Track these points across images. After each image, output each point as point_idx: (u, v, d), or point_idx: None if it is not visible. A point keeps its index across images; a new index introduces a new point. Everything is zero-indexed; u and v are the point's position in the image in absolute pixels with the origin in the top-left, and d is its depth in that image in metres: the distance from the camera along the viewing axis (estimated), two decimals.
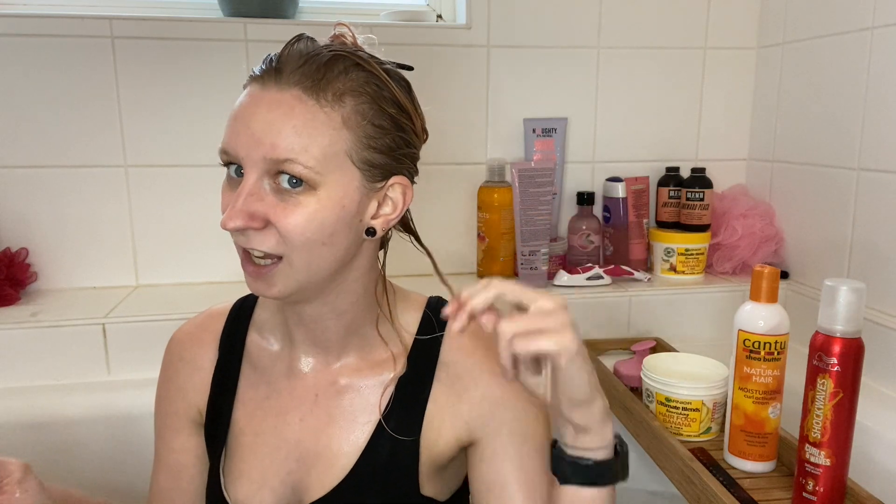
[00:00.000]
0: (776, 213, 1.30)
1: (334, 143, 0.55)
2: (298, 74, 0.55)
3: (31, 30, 1.12)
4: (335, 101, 0.56)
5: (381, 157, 0.58)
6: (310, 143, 0.54)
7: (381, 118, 0.58)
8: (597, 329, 1.19)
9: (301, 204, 0.55)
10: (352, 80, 0.57)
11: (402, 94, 0.60)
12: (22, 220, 1.17)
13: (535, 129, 1.29)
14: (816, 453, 0.69)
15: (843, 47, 1.11)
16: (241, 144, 0.55)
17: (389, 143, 0.59)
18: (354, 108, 0.56)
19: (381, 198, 0.60)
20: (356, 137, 0.56)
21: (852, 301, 0.66)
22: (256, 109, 0.55)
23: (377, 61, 0.60)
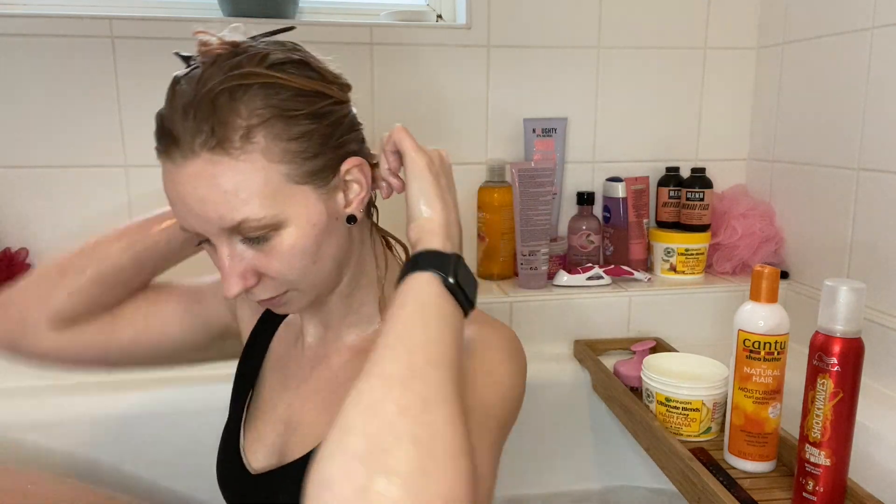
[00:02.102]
0: (776, 213, 1.30)
1: (269, 181, 0.54)
2: (195, 137, 0.52)
3: (31, 30, 1.12)
4: (245, 143, 0.53)
5: (319, 160, 0.56)
6: (247, 197, 0.53)
7: (296, 126, 0.55)
8: (597, 329, 1.19)
9: (276, 246, 0.56)
10: (247, 109, 0.53)
11: (301, 79, 0.56)
12: (22, 220, 1.17)
13: (535, 129, 1.29)
14: (816, 453, 0.69)
15: (843, 47, 1.11)
16: (194, 225, 0.56)
17: (319, 140, 0.56)
18: (267, 136, 0.53)
19: (343, 187, 0.59)
20: (285, 162, 0.54)
21: (852, 301, 0.66)
22: (183, 189, 0.54)
23: (257, 56, 0.55)
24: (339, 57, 1.30)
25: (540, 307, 1.17)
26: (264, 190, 0.54)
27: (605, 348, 1.16)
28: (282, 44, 0.59)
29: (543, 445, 1.14)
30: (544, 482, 1.15)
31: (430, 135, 1.27)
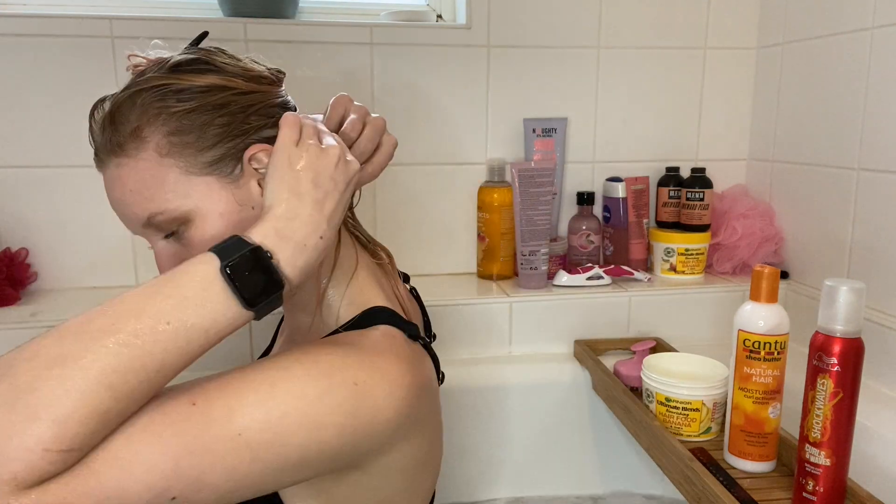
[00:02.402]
0: (776, 213, 1.30)
1: (167, 175, 0.56)
2: (105, 146, 0.57)
3: (31, 30, 1.12)
4: (136, 141, 0.56)
5: (216, 149, 0.57)
6: (151, 193, 0.56)
7: (188, 120, 0.56)
8: (597, 329, 1.19)
9: (191, 238, 0.58)
10: (137, 112, 0.56)
11: (197, 76, 0.58)
12: (22, 220, 1.17)
13: (535, 129, 1.29)
14: (816, 453, 0.69)
15: (843, 47, 1.11)
16: (126, 226, 0.60)
17: (216, 131, 0.57)
18: (158, 133, 0.56)
19: (252, 175, 0.59)
20: (180, 154, 0.56)
21: (852, 301, 0.66)
22: (107, 195, 0.59)
23: (160, 66, 0.58)
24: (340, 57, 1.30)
25: (540, 307, 1.17)
26: (164, 185, 0.56)
27: (605, 348, 1.16)
28: (198, 49, 0.61)
29: (543, 445, 1.14)
30: (544, 483, 1.15)
31: (431, 135, 1.27)
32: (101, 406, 0.43)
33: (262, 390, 0.49)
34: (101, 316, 0.46)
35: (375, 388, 0.54)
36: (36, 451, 0.40)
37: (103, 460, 0.43)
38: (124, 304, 0.47)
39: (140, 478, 0.44)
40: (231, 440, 0.47)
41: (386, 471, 0.60)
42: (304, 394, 0.50)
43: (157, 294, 0.47)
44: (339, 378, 0.52)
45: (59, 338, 0.44)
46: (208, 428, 0.47)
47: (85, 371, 0.43)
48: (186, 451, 0.45)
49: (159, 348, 0.46)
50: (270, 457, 0.49)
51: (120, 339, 0.44)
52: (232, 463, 0.47)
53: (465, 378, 1.09)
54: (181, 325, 0.47)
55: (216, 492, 0.47)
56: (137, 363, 0.44)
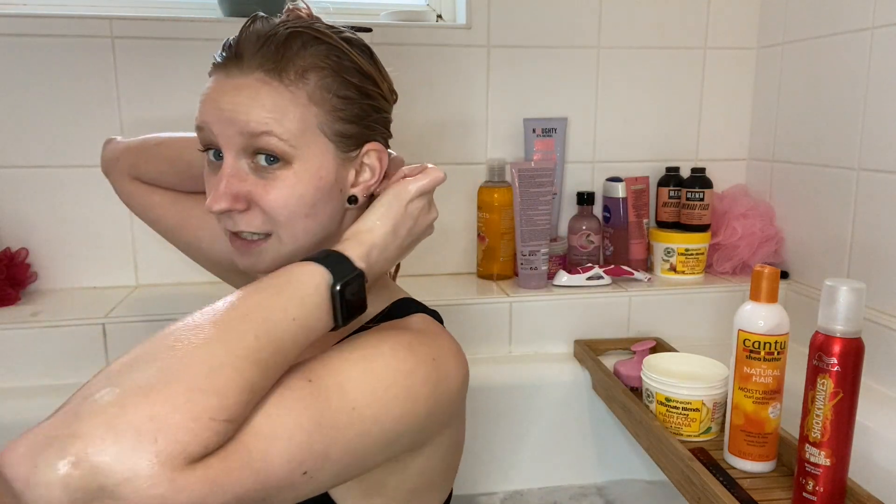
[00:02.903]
0: (776, 213, 1.30)
1: (304, 119, 0.57)
2: (259, 57, 0.57)
3: (31, 30, 1.12)
4: (298, 78, 0.57)
5: (351, 126, 0.60)
6: (279, 117, 0.56)
7: (345, 89, 0.59)
8: (597, 329, 1.19)
9: (280, 178, 0.58)
10: (311, 55, 0.58)
11: (364, 61, 0.61)
12: (22, 220, 1.17)
13: (535, 129, 1.29)
14: (816, 453, 0.69)
15: (843, 47, 1.11)
16: (214, 123, 0.57)
17: (358, 111, 0.60)
18: (318, 82, 0.58)
19: (357, 166, 0.62)
20: (324, 111, 0.58)
21: (852, 301, 0.66)
22: (223, 95, 0.57)
23: (335, 31, 0.61)
24: None
25: (540, 307, 1.17)
26: (297, 120, 0.57)
27: (605, 348, 1.16)
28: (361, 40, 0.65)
29: (543, 445, 1.14)
30: (545, 477, 1.15)
31: (431, 135, 1.27)
32: (251, 378, 0.44)
33: (363, 367, 0.52)
34: (231, 310, 0.47)
35: (447, 362, 0.58)
36: (202, 420, 0.40)
37: (249, 434, 0.44)
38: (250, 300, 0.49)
39: (281, 450, 0.45)
40: (348, 413, 0.49)
41: (436, 449, 0.62)
42: (400, 368, 0.53)
43: (281, 294, 0.50)
44: (421, 354, 0.56)
45: (193, 329, 0.45)
46: (329, 403, 0.49)
47: (232, 351, 0.44)
48: (316, 424, 0.47)
49: (288, 337, 0.48)
50: (376, 430, 0.51)
51: (257, 324, 0.47)
52: (349, 436, 0.49)
53: None
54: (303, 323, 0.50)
55: (336, 467, 0.49)
56: (274, 345, 0.47)
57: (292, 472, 0.46)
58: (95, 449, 0.38)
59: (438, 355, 0.57)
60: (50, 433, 0.39)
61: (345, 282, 0.52)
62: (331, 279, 0.52)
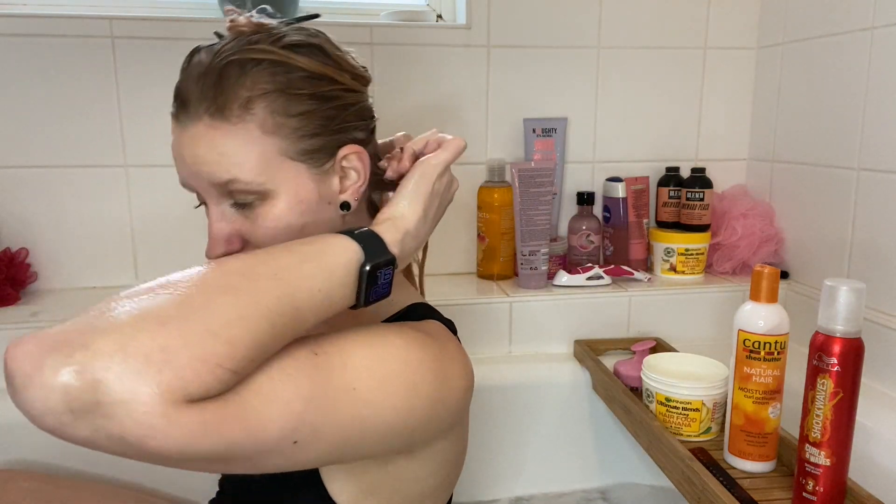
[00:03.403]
0: (776, 213, 1.30)
1: (263, 153, 0.56)
2: (202, 101, 0.55)
3: (31, 30, 1.12)
4: (244, 112, 0.55)
5: (316, 140, 0.58)
6: (240, 161, 0.55)
7: (298, 104, 0.56)
8: (597, 329, 1.19)
9: (262, 214, 0.57)
10: (252, 81, 0.55)
11: (314, 62, 0.58)
12: (22, 220, 1.17)
13: (535, 129, 1.29)
14: (816, 453, 0.69)
15: (843, 47, 1.11)
16: (188, 178, 0.58)
17: (319, 122, 0.58)
18: (266, 109, 0.56)
19: (339, 172, 0.60)
20: (281, 137, 0.56)
21: (852, 301, 0.66)
22: (183, 148, 0.57)
23: (276, 37, 0.58)
24: None
25: (540, 307, 1.17)
26: (257, 158, 0.56)
27: (605, 348, 1.16)
28: (304, 29, 0.61)
29: (544, 445, 1.14)
30: (545, 482, 1.15)
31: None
32: (262, 337, 0.44)
33: (370, 351, 0.52)
34: (262, 264, 0.48)
35: (453, 368, 0.57)
36: (209, 363, 0.41)
37: (249, 391, 0.44)
38: (281, 260, 0.49)
39: (277, 413, 0.45)
40: (347, 392, 0.49)
41: (434, 458, 0.62)
42: (407, 359, 0.53)
43: (312, 262, 0.50)
44: (429, 352, 0.55)
45: (224, 273, 0.46)
46: (330, 377, 0.49)
47: (255, 304, 0.45)
48: (314, 397, 0.47)
49: (308, 306, 0.48)
50: (373, 417, 0.51)
51: (279, 286, 0.47)
52: (344, 416, 0.49)
53: None
54: (327, 295, 0.50)
55: (327, 444, 0.49)
56: (291, 312, 0.47)
57: (284, 437, 0.46)
58: (102, 364, 0.38)
59: (445, 359, 0.57)
60: (62, 338, 0.39)
61: (375, 263, 0.52)
62: (362, 257, 0.52)
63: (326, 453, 0.50)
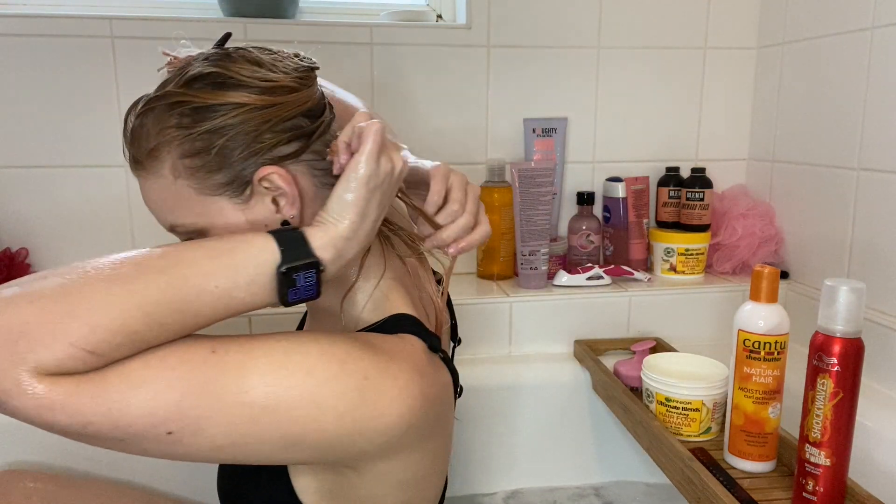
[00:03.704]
0: (776, 213, 1.30)
1: (181, 195, 0.57)
2: (129, 160, 0.59)
3: (31, 30, 1.12)
4: (154, 161, 0.57)
5: (225, 173, 0.56)
6: (170, 207, 0.58)
7: (197, 142, 0.55)
8: (597, 329, 1.19)
9: None
10: (156, 130, 0.56)
11: (208, 94, 0.55)
12: (22, 220, 1.17)
13: (535, 129, 1.29)
14: (816, 453, 0.69)
15: (843, 47, 1.11)
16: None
17: (221, 154, 0.55)
18: (170, 154, 0.56)
19: (265, 196, 0.57)
20: (189, 177, 0.56)
21: (852, 301, 0.66)
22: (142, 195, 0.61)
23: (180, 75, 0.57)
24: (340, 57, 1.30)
25: (540, 307, 1.17)
26: (180, 202, 0.57)
27: (605, 348, 1.16)
28: (216, 54, 0.59)
29: (544, 445, 1.14)
30: (544, 476, 1.15)
31: (431, 135, 1.27)
32: (132, 326, 0.46)
33: (275, 358, 0.51)
34: (161, 257, 0.50)
35: (383, 389, 0.54)
36: (63, 342, 0.44)
37: (116, 374, 0.46)
38: (183, 255, 0.50)
39: (143, 400, 0.47)
40: (236, 395, 0.49)
41: (384, 479, 0.60)
42: (313, 372, 0.52)
43: (214, 259, 0.51)
44: (350, 367, 0.53)
45: (118, 262, 0.48)
46: (219, 377, 0.49)
47: (130, 293, 0.47)
48: (192, 392, 0.48)
49: (200, 302, 0.50)
50: (269, 424, 0.50)
51: (170, 280, 0.49)
52: (232, 418, 0.49)
53: (465, 378, 1.09)
54: (226, 292, 0.50)
55: (212, 442, 0.49)
56: (177, 305, 0.48)
57: (153, 426, 0.47)
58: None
59: (375, 378, 0.54)
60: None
61: (293, 266, 0.52)
62: (279, 260, 0.52)
63: (214, 450, 0.50)
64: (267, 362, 0.51)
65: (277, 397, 0.50)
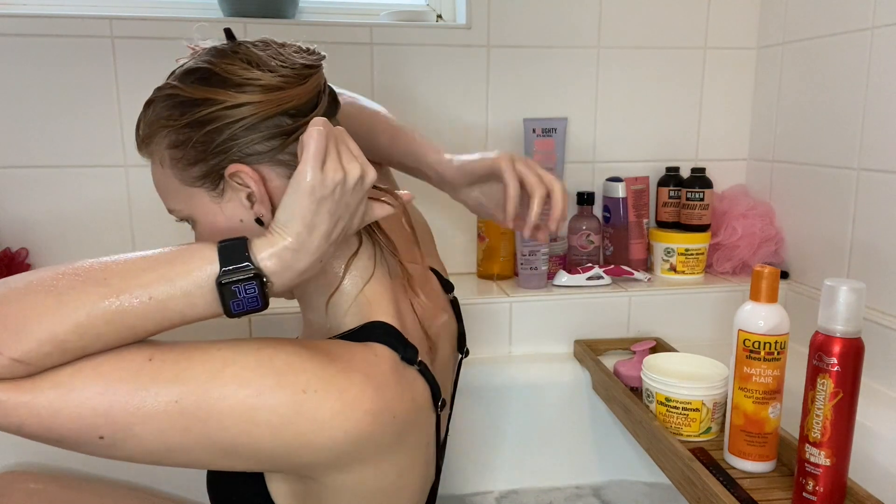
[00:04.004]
0: (776, 213, 1.30)
1: (169, 184, 0.60)
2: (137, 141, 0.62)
3: (31, 30, 1.12)
4: (146, 149, 0.60)
5: (198, 167, 0.58)
6: (163, 193, 0.62)
7: (177, 134, 0.58)
8: (597, 329, 1.19)
9: (196, 236, 0.62)
10: (152, 119, 0.59)
11: (194, 88, 0.57)
12: (22, 220, 1.17)
13: (535, 129, 1.29)
14: (816, 453, 0.69)
15: (843, 47, 1.11)
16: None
17: (198, 148, 0.57)
18: (159, 144, 0.59)
19: (239, 192, 0.58)
20: (174, 168, 0.59)
21: (852, 301, 0.66)
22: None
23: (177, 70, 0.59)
24: (340, 57, 1.30)
25: (540, 307, 1.17)
26: (170, 188, 0.60)
27: (605, 348, 1.16)
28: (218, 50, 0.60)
29: (543, 445, 1.14)
30: (543, 475, 1.15)
31: (431, 135, 1.26)
32: (61, 336, 0.48)
33: (211, 367, 0.51)
34: (100, 269, 0.50)
35: (326, 403, 0.53)
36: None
37: (47, 381, 0.48)
38: (122, 266, 0.51)
39: (74, 406, 0.48)
40: (167, 403, 0.49)
41: (344, 490, 0.59)
42: (247, 383, 0.51)
43: (153, 270, 0.51)
44: (288, 380, 0.52)
45: (57, 274, 0.50)
46: (150, 385, 0.49)
47: (61, 305, 0.48)
48: (122, 399, 0.49)
49: (134, 314, 0.50)
50: (200, 433, 0.50)
51: (104, 291, 0.49)
52: (162, 425, 0.50)
53: (465, 378, 1.09)
54: (162, 304, 0.51)
55: (144, 447, 0.50)
56: (111, 316, 0.49)
57: (84, 431, 0.49)
58: None
59: (317, 391, 0.52)
60: None
61: (231, 279, 0.51)
62: (217, 271, 0.51)
63: (149, 454, 0.51)
64: (202, 371, 0.51)
65: (209, 407, 0.50)
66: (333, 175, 0.53)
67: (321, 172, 0.53)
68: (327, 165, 0.54)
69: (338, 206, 0.55)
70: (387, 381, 0.57)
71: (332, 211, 0.54)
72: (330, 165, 0.54)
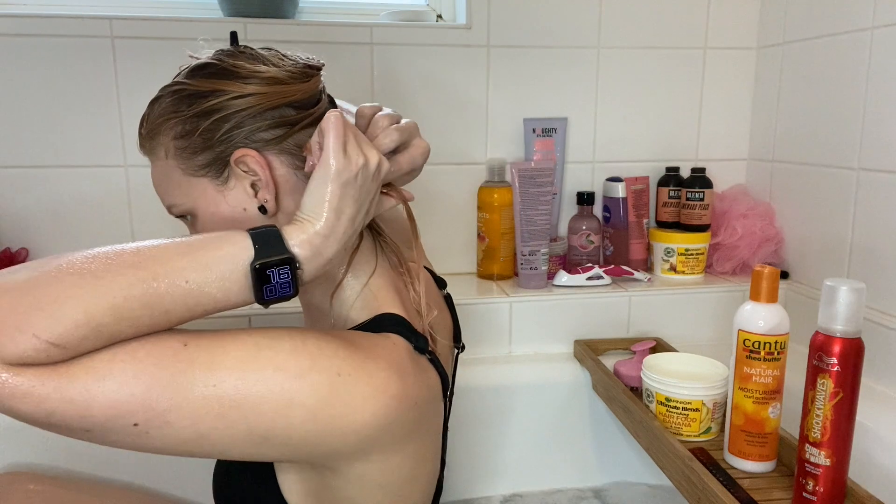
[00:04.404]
0: (776, 213, 1.30)
1: (172, 176, 0.61)
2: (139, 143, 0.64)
3: (31, 30, 1.12)
4: (152, 142, 0.61)
5: (204, 155, 0.60)
6: (165, 188, 0.62)
7: (184, 124, 0.59)
8: (597, 329, 1.19)
9: (196, 228, 0.62)
10: (158, 114, 0.61)
11: (201, 81, 0.60)
12: (22, 220, 1.17)
13: (535, 129, 1.29)
14: (816, 453, 0.69)
15: (843, 47, 1.11)
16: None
17: (204, 136, 0.59)
18: (165, 136, 0.60)
19: (243, 179, 0.60)
20: (178, 158, 0.60)
21: (852, 301, 0.66)
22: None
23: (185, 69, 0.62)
24: (340, 57, 1.30)
25: (540, 307, 1.17)
26: (171, 182, 0.62)
27: (605, 348, 1.16)
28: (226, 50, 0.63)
29: (543, 445, 1.14)
30: (544, 478, 1.15)
31: (431, 135, 1.27)
32: (98, 319, 0.46)
33: (246, 352, 0.51)
34: (133, 253, 0.50)
35: (357, 387, 0.54)
36: (26, 333, 0.44)
37: (81, 366, 0.47)
38: (156, 251, 0.50)
39: (108, 392, 0.47)
40: (204, 388, 0.49)
41: (363, 481, 0.59)
42: (283, 366, 0.51)
43: (187, 255, 0.50)
44: (323, 363, 0.53)
45: (90, 257, 0.49)
46: (187, 370, 0.49)
47: (97, 287, 0.47)
48: (160, 384, 0.48)
49: (170, 298, 0.49)
50: (236, 419, 0.50)
51: (142, 274, 0.48)
52: (199, 410, 0.49)
53: (465, 378, 1.09)
54: (197, 288, 0.50)
55: (178, 434, 0.49)
56: (146, 300, 0.48)
57: (118, 417, 0.47)
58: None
59: (349, 375, 0.54)
60: None
61: (266, 262, 0.51)
62: (252, 256, 0.51)
63: (181, 444, 0.50)
64: (237, 357, 0.51)
65: (246, 392, 0.50)
66: (357, 159, 0.55)
67: (345, 157, 0.55)
68: (349, 151, 0.55)
69: (360, 191, 0.56)
70: (407, 368, 0.59)
71: (355, 196, 0.56)
72: (352, 151, 0.56)
